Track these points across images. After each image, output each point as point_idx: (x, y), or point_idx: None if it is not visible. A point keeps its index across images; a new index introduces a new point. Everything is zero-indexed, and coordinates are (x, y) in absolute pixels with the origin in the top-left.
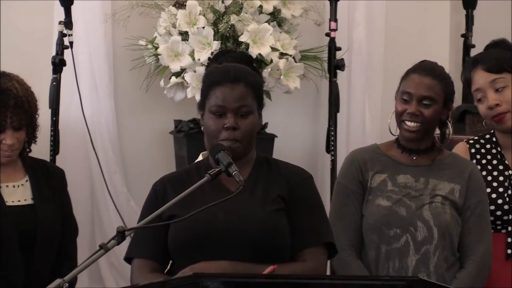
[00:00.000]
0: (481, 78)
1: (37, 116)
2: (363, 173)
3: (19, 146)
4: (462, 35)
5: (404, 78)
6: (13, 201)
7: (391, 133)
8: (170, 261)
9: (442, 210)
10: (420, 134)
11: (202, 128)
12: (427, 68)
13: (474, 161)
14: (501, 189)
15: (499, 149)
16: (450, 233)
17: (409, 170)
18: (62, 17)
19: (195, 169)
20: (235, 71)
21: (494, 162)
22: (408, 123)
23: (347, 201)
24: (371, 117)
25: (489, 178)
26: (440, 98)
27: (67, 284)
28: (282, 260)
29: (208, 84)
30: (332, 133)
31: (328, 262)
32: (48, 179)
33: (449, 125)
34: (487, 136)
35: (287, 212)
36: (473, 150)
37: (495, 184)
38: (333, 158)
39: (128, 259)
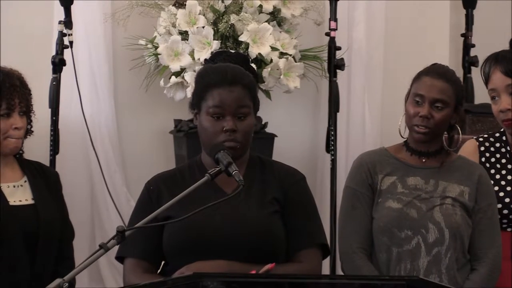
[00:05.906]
0: (497, 79)
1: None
2: (373, 176)
3: (23, 134)
4: (462, 35)
5: (415, 80)
6: (14, 201)
7: (401, 136)
8: (162, 262)
9: (453, 211)
10: (429, 136)
11: (197, 128)
12: (439, 71)
13: (483, 159)
14: (509, 188)
15: (508, 148)
16: (461, 235)
17: (418, 172)
18: (62, 16)
19: (188, 168)
20: (233, 73)
21: (503, 160)
22: (419, 125)
23: (357, 204)
24: (371, 117)
25: (498, 176)
26: (451, 101)
27: (67, 284)
28: (277, 262)
29: (204, 85)
30: (332, 133)
31: (328, 263)
32: (45, 180)
33: (458, 129)
34: (497, 134)
35: (282, 214)
36: (482, 148)
37: (503, 182)
38: (333, 157)
39: (119, 258)
